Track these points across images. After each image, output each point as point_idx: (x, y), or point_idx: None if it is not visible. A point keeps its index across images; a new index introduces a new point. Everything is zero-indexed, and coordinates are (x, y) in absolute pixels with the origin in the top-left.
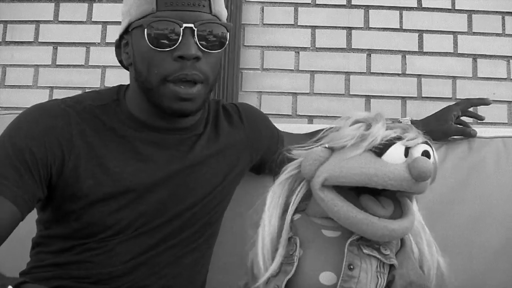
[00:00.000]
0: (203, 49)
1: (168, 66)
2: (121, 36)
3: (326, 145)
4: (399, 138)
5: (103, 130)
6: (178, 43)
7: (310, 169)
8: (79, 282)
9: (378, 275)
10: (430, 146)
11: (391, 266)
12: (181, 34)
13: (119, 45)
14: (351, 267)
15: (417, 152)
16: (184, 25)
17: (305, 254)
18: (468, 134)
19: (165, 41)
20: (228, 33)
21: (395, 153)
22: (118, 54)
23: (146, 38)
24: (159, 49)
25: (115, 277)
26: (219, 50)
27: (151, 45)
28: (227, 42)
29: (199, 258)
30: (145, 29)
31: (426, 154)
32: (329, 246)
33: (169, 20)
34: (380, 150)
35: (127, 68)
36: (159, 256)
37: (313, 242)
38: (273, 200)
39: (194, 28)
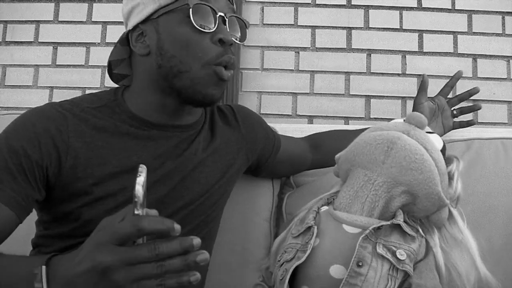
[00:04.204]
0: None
1: (212, 50)
2: (134, 28)
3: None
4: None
5: (103, 128)
6: (216, 27)
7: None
8: None
9: (389, 278)
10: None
11: (408, 273)
12: (217, 20)
13: (126, 40)
14: (360, 264)
15: None
16: (219, 13)
17: (320, 244)
18: (465, 124)
19: (206, 23)
20: (247, 30)
21: None
22: (118, 52)
23: (192, 19)
24: (202, 30)
25: None
26: (240, 43)
27: (196, 26)
28: (246, 38)
29: None
30: (191, 9)
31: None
32: (346, 241)
33: (208, 6)
34: None
35: (112, 77)
36: None
37: (331, 235)
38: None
39: (225, 17)
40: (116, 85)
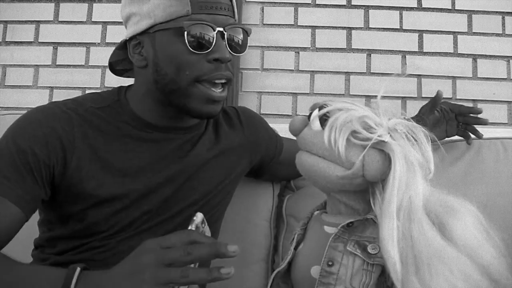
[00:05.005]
0: (231, 52)
1: (202, 68)
2: (132, 37)
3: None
4: None
5: (106, 131)
6: (212, 46)
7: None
8: None
9: (364, 273)
10: None
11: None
12: (215, 37)
13: (124, 46)
14: (330, 263)
15: None
16: (217, 28)
17: (303, 248)
18: (467, 138)
19: (202, 44)
20: (248, 38)
21: None
22: (117, 55)
23: (186, 41)
24: (197, 51)
25: None
26: (242, 54)
27: (190, 48)
28: (247, 46)
29: None
30: (185, 32)
31: None
32: (325, 242)
33: (206, 24)
34: None
35: (116, 72)
36: None
37: (314, 237)
38: None
39: (224, 32)
40: (118, 85)
